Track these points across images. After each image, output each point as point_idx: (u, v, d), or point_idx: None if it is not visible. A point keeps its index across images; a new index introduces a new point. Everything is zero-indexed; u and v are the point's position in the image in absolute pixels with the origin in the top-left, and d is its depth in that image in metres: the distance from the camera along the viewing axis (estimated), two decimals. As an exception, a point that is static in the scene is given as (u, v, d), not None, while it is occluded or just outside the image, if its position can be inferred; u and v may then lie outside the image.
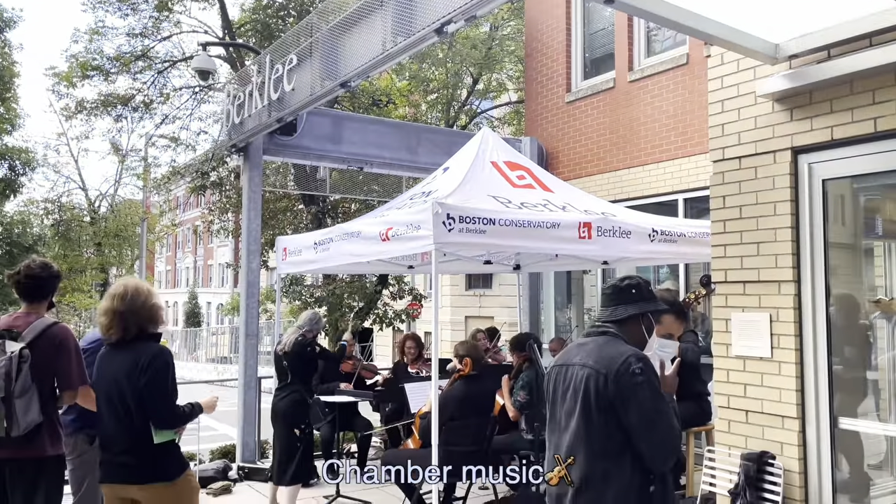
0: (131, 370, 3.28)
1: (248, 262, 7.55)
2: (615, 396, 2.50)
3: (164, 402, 3.29)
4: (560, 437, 2.65)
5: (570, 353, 2.75)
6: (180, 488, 3.35)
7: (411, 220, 5.14)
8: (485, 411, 5.44)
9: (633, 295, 2.74)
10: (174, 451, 3.36)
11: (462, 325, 28.04)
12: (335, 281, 12.04)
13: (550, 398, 2.76)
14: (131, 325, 3.35)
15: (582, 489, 2.53)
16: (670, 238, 6.09)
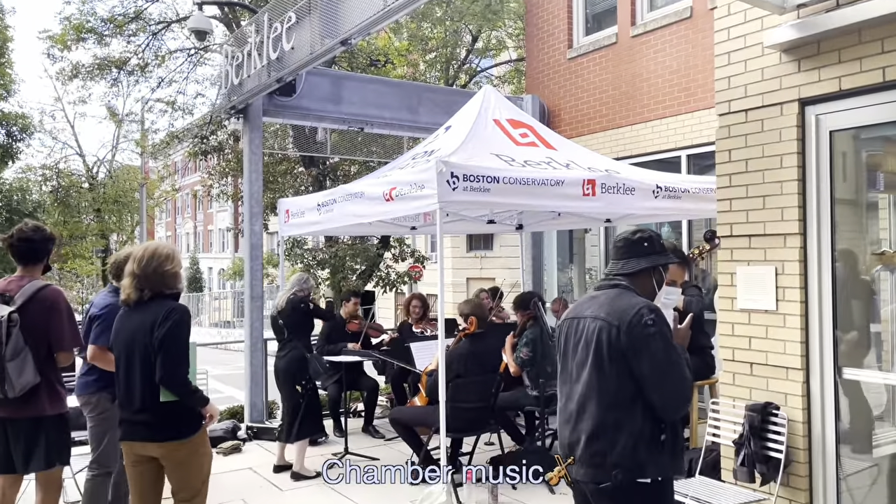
0: (149, 326, 3.31)
1: (251, 224, 7.55)
2: (627, 347, 2.53)
3: (171, 358, 3.30)
4: (572, 388, 2.69)
5: (581, 306, 2.77)
6: (195, 445, 3.41)
7: (415, 179, 5.13)
8: (490, 369, 5.50)
9: (644, 248, 2.75)
10: (190, 410, 3.40)
11: (463, 286, 28.14)
12: (337, 243, 12.05)
13: (562, 350, 2.78)
14: (145, 287, 3.37)
15: (594, 438, 2.57)
16: (674, 194, 6.08)
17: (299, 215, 6.84)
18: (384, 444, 6.98)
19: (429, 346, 6.59)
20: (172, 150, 14.75)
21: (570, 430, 2.66)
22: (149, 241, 3.71)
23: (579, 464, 2.60)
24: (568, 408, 2.68)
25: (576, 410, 2.63)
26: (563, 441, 2.69)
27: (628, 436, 2.52)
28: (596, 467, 2.54)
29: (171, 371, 3.31)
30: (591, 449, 2.56)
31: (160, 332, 3.29)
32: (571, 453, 2.65)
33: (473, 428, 5.54)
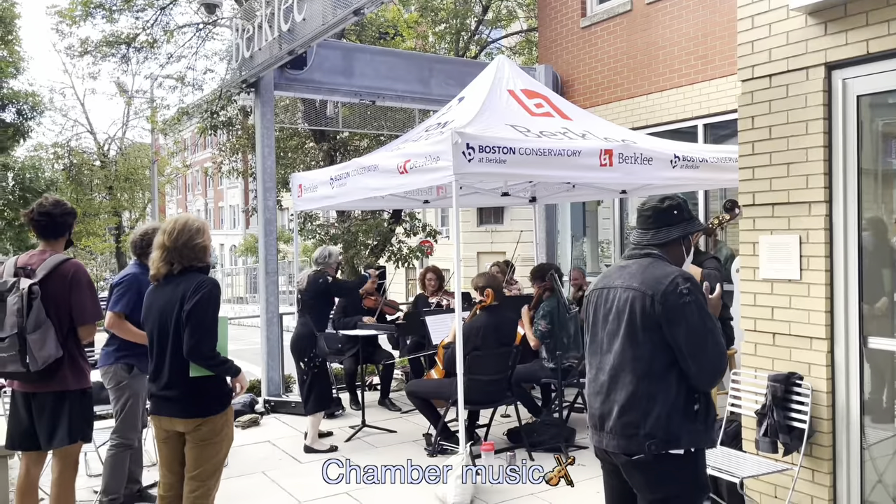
0: (179, 300, 3.29)
1: (265, 199, 7.51)
2: (662, 317, 2.48)
3: (198, 331, 3.26)
4: (602, 359, 2.65)
5: (610, 276, 2.71)
6: (219, 425, 3.39)
7: (430, 151, 5.07)
8: (507, 341, 5.47)
9: (675, 216, 2.68)
10: (218, 386, 3.39)
11: (474, 261, 28.11)
12: (349, 219, 12.00)
13: (591, 320, 2.74)
14: (175, 260, 3.34)
15: (627, 409, 2.53)
16: (692, 164, 5.98)
17: (312, 190, 6.79)
18: (400, 417, 7.00)
19: (444, 319, 6.56)
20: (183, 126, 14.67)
21: (601, 402, 2.62)
22: (179, 214, 3.67)
23: (610, 435, 2.56)
24: (599, 379, 2.64)
25: (607, 381, 2.59)
26: (594, 412, 2.66)
27: (662, 406, 2.48)
28: (628, 438, 2.51)
29: (197, 343, 3.27)
30: (624, 420, 2.52)
31: (189, 305, 3.26)
32: (602, 425, 2.61)
33: (491, 400, 5.53)
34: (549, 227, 9.68)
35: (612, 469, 2.68)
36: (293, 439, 6.30)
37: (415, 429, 6.47)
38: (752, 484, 4.17)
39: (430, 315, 6.58)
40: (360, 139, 13.89)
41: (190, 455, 3.42)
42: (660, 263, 2.60)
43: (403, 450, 5.89)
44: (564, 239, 10.05)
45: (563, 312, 5.86)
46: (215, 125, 11.86)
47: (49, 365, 3.57)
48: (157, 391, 3.40)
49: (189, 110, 14.17)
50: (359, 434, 6.33)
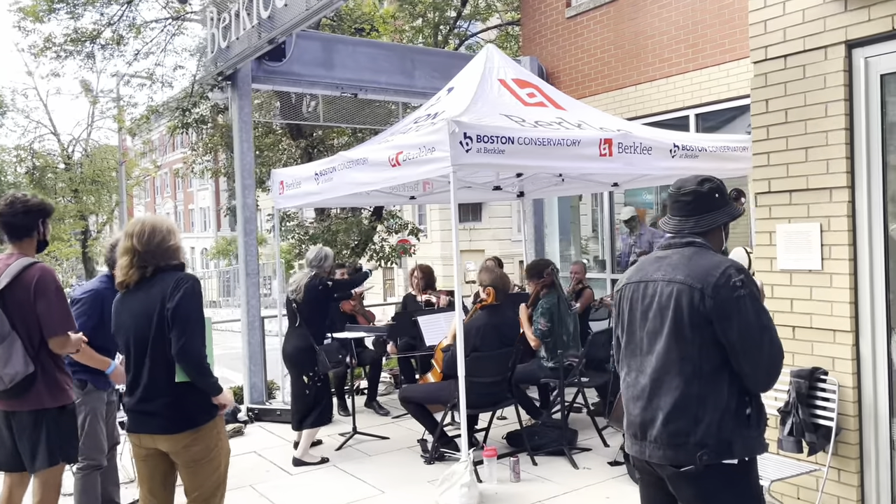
0: (158, 301, 3.02)
1: (244, 197, 7.21)
2: (713, 312, 2.26)
3: (187, 330, 3.00)
4: (643, 361, 2.42)
5: (646, 269, 2.48)
6: (211, 438, 3.12)
7: (424, 141, 4.84)
8: (508, 341, 5.26)
9: (717, 200, 2.46)
10: (202, 395, 3.11)
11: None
12: (328, 217, 11.70)
13: (626, 318, 2.50)
14: (148, 263, 3.07)
15: (673, 415, 2.31)
16: (691, 153, 5.83)
17: (295, 186, 6.52)
18: (392, 422, 6.75)
19: (437, 319, 6.33)
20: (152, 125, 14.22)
21: (641, 408, 2.39)
22: (143, 216, 3.36)
23: (655, 444, 2.34)
24: (639, 382, 2.41)
25: (649, 385, 2.36)
26: (633, 419, 2.43)
27: (713, 411, 2.26)
28: (676, 448, 2.29)
29: (188, 344, 3.00)
30: (671, 427, 2.30)
31: (172, 303, 2.99)
32: (644, 433, 2.38)
33: (491, 403, 5.31)
34: (537, 223, 9.49)
35: (654, 481, 2.45)
36: (280, 449, 6.02)
37: (408, 434, 6.23)
38: (774, 486, 3.99)
39: (422, 315, 6.33)
40: (337, 135, 13.60)
41: (186, 478, 3.14)
42: (706, 253, 2.38)
43: (399, 457, 5.65)
44: (552, 235, 9.87)
45: (565, 309, 5.66)
46: (187, 123, 11.50)
47: (19, 382, 3.24)
48: (134, 405, 3.10)
49: (159, 109, 13.73)
50: (350, 442, 6.07)
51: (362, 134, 13.59)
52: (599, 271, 9.37)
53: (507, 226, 29.10)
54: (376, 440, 6.12)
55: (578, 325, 6.22)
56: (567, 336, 5.84)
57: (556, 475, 5.04)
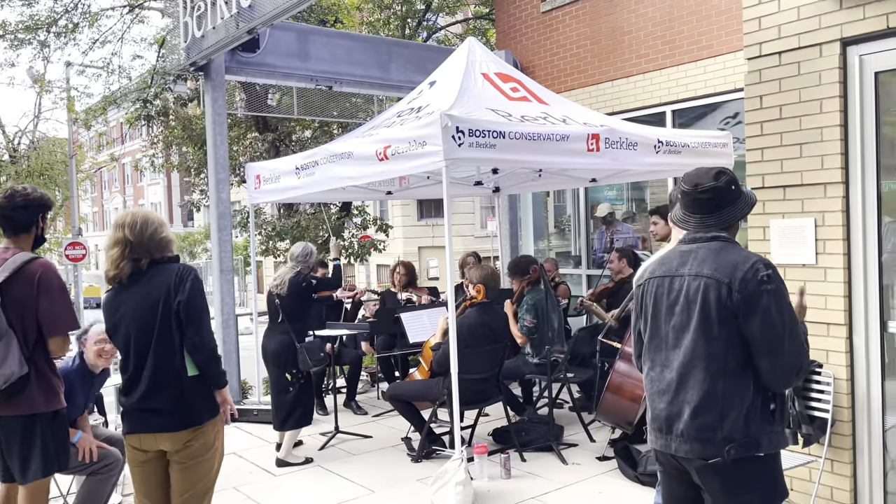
0: (162, 293, 2.96)
1: (218, 192, 7.09)
2: (739, 307, 2.29)
3: (203, 322, 3.00)
4: (668, 355, 2.44)
5: (670, 263, 2.50)
6: (212, 436, 3.07)
7: (415, 135, 4.81)
8: (498, 338, 5.27)
9: (733, 192, 2.48)
10: (207, 389, 3.06)
11: (416, 256, 27.89)
12: (297, 212, 11.58)
13: (651, 312, 2.52)
14: (142, 254, 3.00)
15: (700, 410, 2.34)
16: (675, 149, 5.92)
17: (273, 180, 6.41)
18: (372, 421, 6.72)
19: (419, 315, 6.31)
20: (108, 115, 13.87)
21: (667, 402, 2.42)
22: (132, 209, 3.29)
23: (681, 438, 2.37)
24: (665, 377, 2.43)
25: (676, 380, 2.39)
26: (658, 413, 2.45)
27: (739, 407, 2.30)
28: (704, 442, 2.32)
29: (205, 337, 3.00)
30: (698, 422, 2.33)
31: (183, 296, 2.96)
32: (670, 427, 2.41)
33: (481, 399, 5.32)
34: (513, 219, 9.53)
35: (677, 474, 2.49)
36: (261, 450, 5.94)
37: (391, 433, 6.21)
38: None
39: (405, 312, 6.30)
40: (302, 129, 13.47)
41: (178, 476, 3.07)
42: (733, 247, 2.41)
43: (384, 456, 5.62)
44: (527, 232, 9.93)
45: (551, 305, 5.70)
46: (149, 115, 11.27)
47: (13, 384, 3.12)
48: (135, 404, 3.03)
49: (116, 99, 13.39)
50: (333, 441, 6.02)
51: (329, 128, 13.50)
52: (574, 267, 9.45)
53: (469, 222, 29.23)
54: (359, 439, 6.09)
55: (563, 321, 6.27)
56: (552, 332, 5.88)
57: (546, 471, 5.08)
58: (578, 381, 6.19)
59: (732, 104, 7.39)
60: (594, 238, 9.28)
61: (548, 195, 10.74)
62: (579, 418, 5.88)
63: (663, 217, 5.45)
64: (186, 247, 39.34)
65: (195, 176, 14.51)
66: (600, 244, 9.08)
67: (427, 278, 24.91)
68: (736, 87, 7.07)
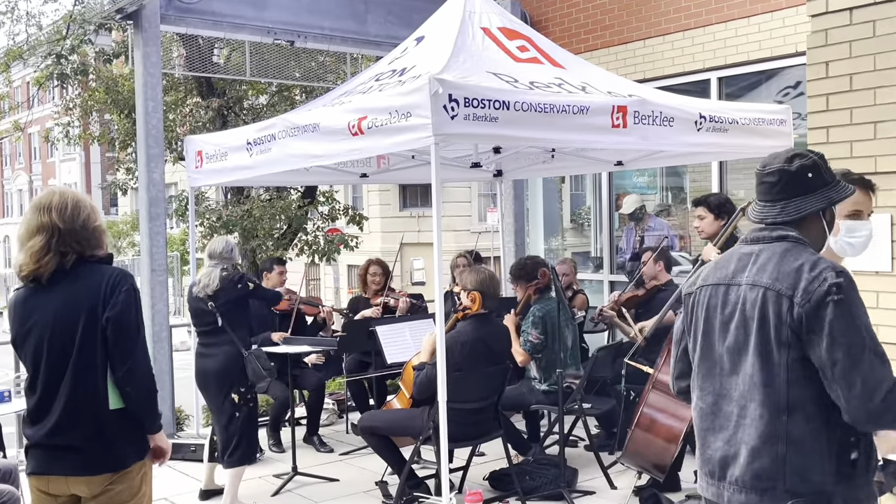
0: (87, 302, 2.97)
1: (150, 171, 7.11)
2: (804, 324, 2.30)
3: (135, 345, 3.01)
4: (723, 383, 2.46)
5: (727, 268, 2.52)
6: (138, 479, 3.09)
7: (396, 105, 4.84)
8: (498, 358, 5.32)
9: (810, 181, 2.49)
10: (134, 425, 3.07)
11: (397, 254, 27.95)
12: (248, 198, 11.60)
13: (702, 329, 2.54)
14: (70, 247, 2.99)
15: (757, 453, 2.35)
16: (720, 126, 5.96)
17: (219, 158, 6.43)
18: (339, 460, 6.76)
19: (400, 330, 6.35)
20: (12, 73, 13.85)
21: (723, 441, 2.43)
22: (57, 187, 3.30)
23: (735, 487, 2.39)
24: (720, 409, 2.45)
25: (734, 414, 2.41)
26: (710, 454, 2.47)
27: (807, 453, 2.31)
28: (762, 493, 2.34)
29: (138, 363, 3.01)
30: (755, 467, 2.34)
31: (113, 310, 2.96)
32: (723, 472, 2.43)
33: (475, 435, 5.36)
34: (518, 210, 9.59)
35: None
36: (196, 495, 5.97)
37: (361, 475, 6.25)
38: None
39: (381, 325, 6.34)
40: (257, 94, 13.49)
41: None
42: (798, 249, 2.42)
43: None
44: (536, 226, 9.99)
45: (564, 318, 5.74)
46: (63, 73, 11.25)
47: None
48: (44, 439, 3.03)
49: (22, 53, 13.35)
50: (290, 485, 6.06)
51: (289, 93, 13.52)
52: (594, 271, 9.52)
53: (465, 213, 29.30)
54: (323, 483, 6.13)
55: (578, 338, 6.32)
56: (565, 352, 5.93)
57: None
58: (597, 413, 6.23)
59: (794, 71, 7.45)
60: (620, 236, 9.35)
61: (563, 181, 10.81)
62: (597, 460, 5.93)
63: (711, 209, 5.50)
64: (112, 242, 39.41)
65: (120, 150, 14.50)
66: (628, 244, 9.15)
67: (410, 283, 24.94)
68: (798, 49, 7.12)
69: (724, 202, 5.66)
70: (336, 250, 12.45)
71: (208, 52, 11.49)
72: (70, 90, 13.36)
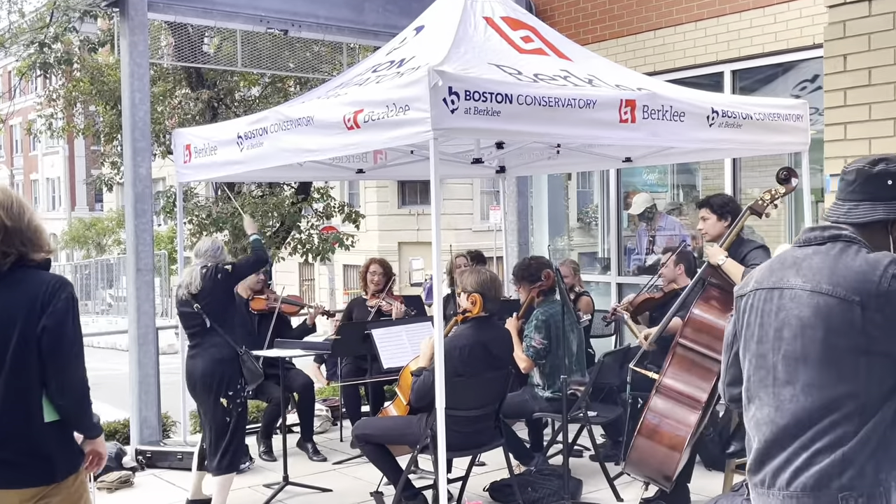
0: (22, 310, 2.96)
1: (136, 166, 7.11)
2: (878, 328, 2.28)
3: (71, 358, 3.02)
4: (778, 393, 2.45)
5: (782, 271, 2.51)
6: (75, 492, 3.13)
7: (395, 97, 4.84)
8: (500, 363, 5.32)
9: (889, 189, 2.45)
10: (68, 436, 3.12)
11: (395, 254, 27.99)
12: (240, 195, 11.62)
13: (754, 335, 2.53)
14: (14, 248, 2.99)
15: (814, 459, 2.34)
16: (733, 121, 5.95)
17: (209, 153, 6.44)
18: (333, 469, 6.78)
19: (397, 333, 6.36)
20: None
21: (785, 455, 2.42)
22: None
23: (785, 493, 2.41)
24: (773, 422, 2.45)
25: (790, 424, 2.40)
26: (763, 468, 2.47)
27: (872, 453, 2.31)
28: (817, 493, 2.34)
29: (73, 375, 3.02)
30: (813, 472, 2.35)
31: (51, 318, 2.96)
32: (774, 480, 2.43)
33: (475, 444, 5.37)
34: (522, 208, 9.60)
35: None
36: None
37: (356, 486, 6.27)
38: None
39: (377, 328, 6.35)
40: (249, 86, 13.52)
41: None
42: (855, 251, 2.39)
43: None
44: (540, 225, 10.01)
45: (569, 322, 5.75)
46: (46, 62, 11.28)
47: None
48: None
49: (3, 41, 13.39)
50: (280, 495, 6.07)
51: (283, 84, 13.55)
52: (601, 272, 9.53)
53: (466, 211, 29.32)
54: (315, 493, 6.14)
55: (584, 343, 6.33)
56: (569, 358, 5.93)
57: (557, 538, 5.14)
58: (603, 421, 6.25)
59: (811, 64, 7.46)
60: (631, 236, 9.37)
61: (569, 178, 10.82)
62: (603, 470, 5.94)
63: (714, 210, 5.52)
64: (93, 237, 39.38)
65: (106, 144, 14.53)
66: (639, 244, 9.16)
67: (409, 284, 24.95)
68: (816, 42, 7.12)
69: (727, 202, 5.69)
70: (331, 249, 12.46)
71: (198, 41, 11.52)
72: (54, 80, 13.37)
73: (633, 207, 9.00)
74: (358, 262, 17.37)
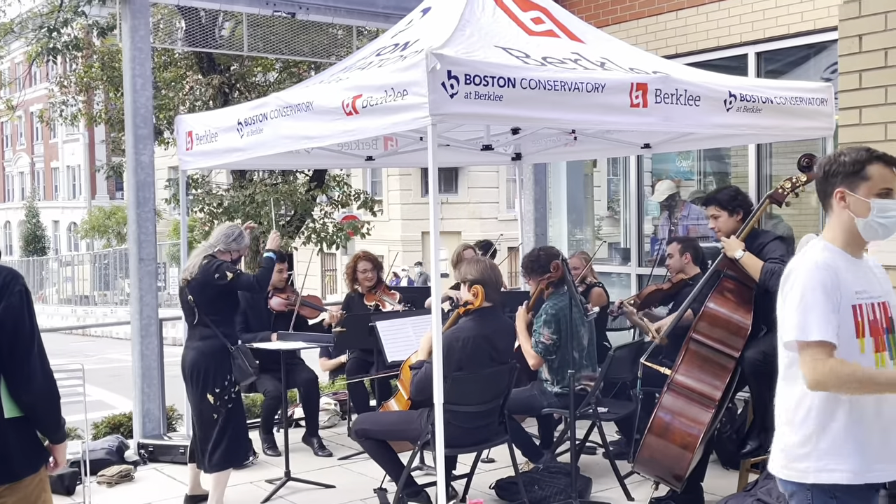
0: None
1: (137, 153, 7.14)
2: None
3: (32, 347, 3.07)
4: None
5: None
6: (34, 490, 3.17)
7: (392, 82, 4.84)
8: (503, 357, 5.30)
9: None
10: (29, 434, 3.15)
11: (418, 243, 28.06)
12: (251, 182, 11.66)
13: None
14: None
15: None
16: (752, 106, 5.90)
17: (210, 139, 6.47)
18: (337, 465, 6.80)
19: (403, 325, 6.36)
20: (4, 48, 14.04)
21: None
22: None
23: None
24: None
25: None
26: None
27: None
28: None
29: (33, 370, 3.07)
30: None
31: (5, 312, 3.02)
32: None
33: (477, 441, 5.35)
34: (539, 196, 9.55)
35: None
36: (181, 500, 6.00)
37: (360, 482, 6.28)
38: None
39: (382, 321, 6.35)
40: (262, 70, 13.55)
41: None
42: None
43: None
44: (559, 213, 9.95)
45: (578, 316, 5.70)
46: (55, 49, 11.36)
47: None
48: None
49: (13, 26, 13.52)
50: (282, 491, 6.10)
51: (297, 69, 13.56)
52: (621, 263, 9.46)
53: (492, 199, 29.30)
54: (318, 489, 6.16)
55: (595, 337, 6.28)
56: (580, 352, 5.89)
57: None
58: (614, 418, 6.20)
59: (840, 45, 7.34)
60: (657, 224, 9.29)
61: (594, 165, 10.73)
62: (613, 468, 5.91)
63: (724, 206, 5.47)
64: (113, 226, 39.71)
65: (119, 132, 14.63)
66: (662, 233, 9.09)
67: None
68: (843, 22, 7.04)
69: (734, 195, 5.65)
70: (347, 238, 12.49)
71: (210, 25, 11.55)
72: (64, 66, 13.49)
73: (656, 195, 8.92)
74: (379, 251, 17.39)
